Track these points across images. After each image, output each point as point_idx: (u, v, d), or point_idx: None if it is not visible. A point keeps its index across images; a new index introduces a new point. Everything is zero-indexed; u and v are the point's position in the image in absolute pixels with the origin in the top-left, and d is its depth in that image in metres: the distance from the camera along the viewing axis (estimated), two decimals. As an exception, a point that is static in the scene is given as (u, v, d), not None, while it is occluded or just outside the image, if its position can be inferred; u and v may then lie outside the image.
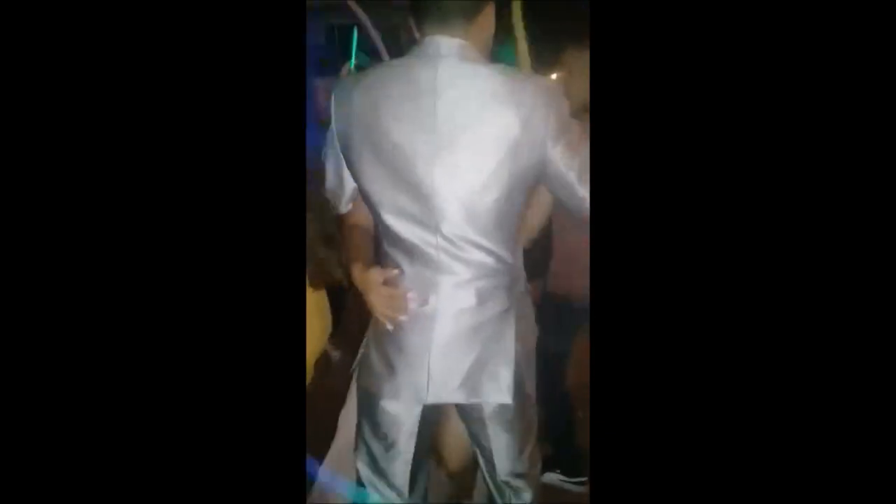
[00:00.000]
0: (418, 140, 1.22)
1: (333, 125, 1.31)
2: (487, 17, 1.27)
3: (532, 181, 1.28)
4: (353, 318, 1.45)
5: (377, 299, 1.35)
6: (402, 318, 1.33)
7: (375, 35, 2.31)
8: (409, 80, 1.23)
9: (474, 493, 1.88)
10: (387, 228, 1.31)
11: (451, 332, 1.32)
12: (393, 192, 1.27)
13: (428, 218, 1.26)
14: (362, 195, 1.33)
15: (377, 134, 1.24)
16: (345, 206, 1.40)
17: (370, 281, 1.35)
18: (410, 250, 1.30)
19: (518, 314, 1.36)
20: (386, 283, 1.34)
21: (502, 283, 1.33)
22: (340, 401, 1.78)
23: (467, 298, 1.31)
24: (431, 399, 1.35)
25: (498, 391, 1.35)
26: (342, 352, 2.55)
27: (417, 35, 1.28)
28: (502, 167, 1.23)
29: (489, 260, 1.30)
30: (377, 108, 1.24)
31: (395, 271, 1.33)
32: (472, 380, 1.34)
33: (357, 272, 1.39)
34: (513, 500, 1.47)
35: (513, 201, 1.27)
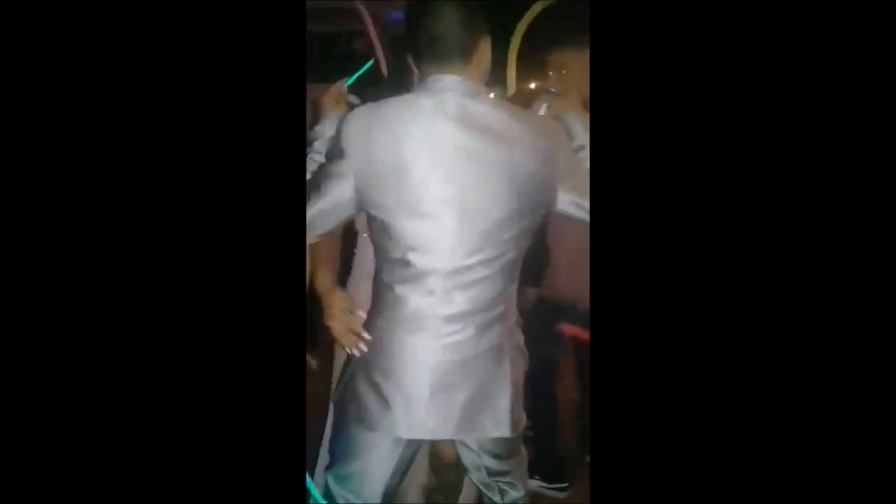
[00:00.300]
0: (434, 172, 1.23)
1: (348, 158, 1.26)
2: (484, 52, 1.29)
3: (541, 215, 1.32)
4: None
5: (337, 326, 1.38)
6: (355, 352, 1.35)
7: (376, 42, 2.29)
8: (425, 116, 1.24)
9: (463, 489, 1.89)
10: (396, 258, 1.29)
11: (447, 366, 1.31)
12: (406, 223, 1.26)
13: (440, 249, 1.26)
14: (375, 225, 1.30)
15: (397, 167, 1.24)
16: (313, 239, 1.34)
17: (333, 306, 1.39)
18: (416, 280, 1.29)
19: (512, 344, 1.36)
20: (346, 310, 1.37)
21: (499, 313, 1.33)
22: (316, 409, 1.76)
23: (465, 330, 1.30)
24: (429, 435, 1.34)
25: (497, 425, 1.33)
26: (319, 361, 2.53)
27: (416, 72, 1.29)
28: (516, 202, 1.25)
29: (492, 292, 1.30)
30: (396, 142, 1.24)
31: (362, 314, 1.36)
32: (470, 414, 1.32)
33: (321, 284, 1.39)
34: (504, 497, 1.48)
35: (524, 236, 1.30)
